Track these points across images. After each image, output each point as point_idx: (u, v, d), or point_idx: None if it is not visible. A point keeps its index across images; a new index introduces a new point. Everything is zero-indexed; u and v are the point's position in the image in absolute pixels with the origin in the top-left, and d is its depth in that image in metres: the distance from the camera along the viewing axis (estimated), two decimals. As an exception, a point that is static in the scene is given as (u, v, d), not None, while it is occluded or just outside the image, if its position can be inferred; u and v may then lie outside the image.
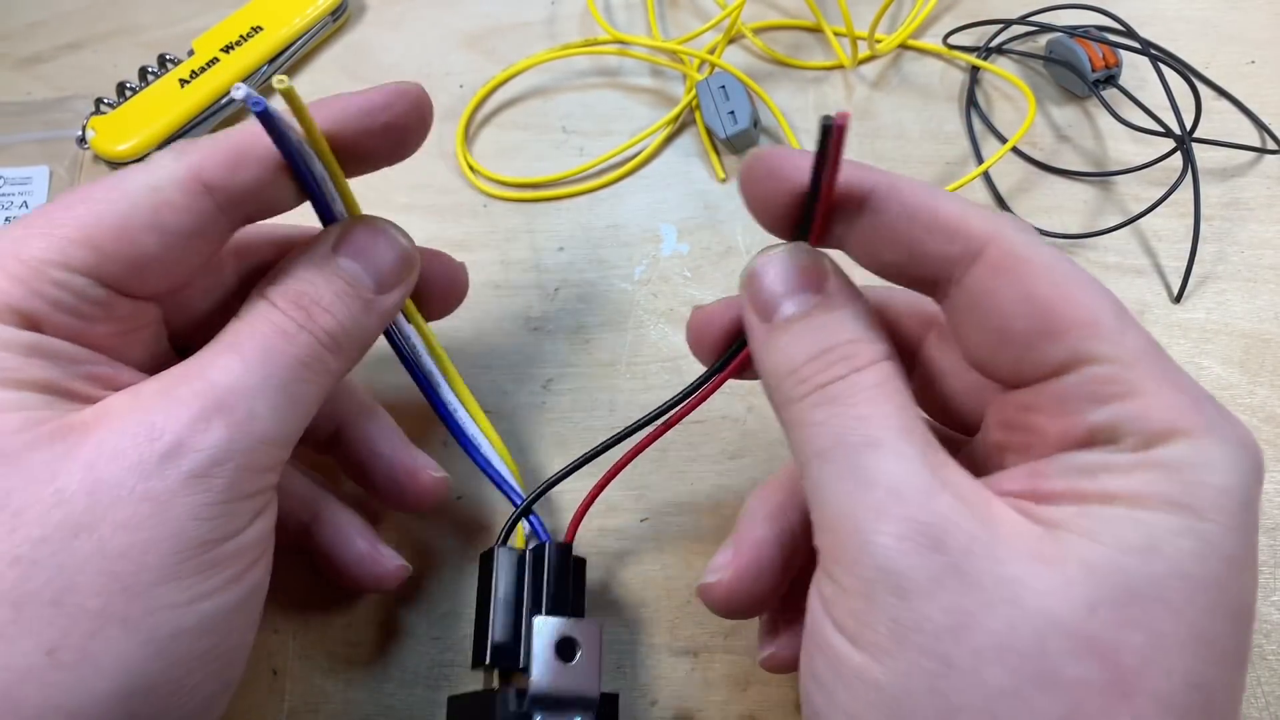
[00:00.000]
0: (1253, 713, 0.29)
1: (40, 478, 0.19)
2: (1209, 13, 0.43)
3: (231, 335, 0.23)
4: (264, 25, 0.42)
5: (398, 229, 0.26)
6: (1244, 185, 0.38)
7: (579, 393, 0.35)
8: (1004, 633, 0.17)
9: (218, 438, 0.21)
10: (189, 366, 0.22)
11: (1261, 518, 0.31)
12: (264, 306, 0.23)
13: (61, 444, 0.20)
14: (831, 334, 0.21)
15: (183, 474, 0.20)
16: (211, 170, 0.23)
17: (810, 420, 0.21)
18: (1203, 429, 0.18)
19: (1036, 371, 0.20)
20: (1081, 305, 0.20)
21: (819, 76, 0.42)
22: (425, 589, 0.31)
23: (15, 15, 0.45)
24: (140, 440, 0.20)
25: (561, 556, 0.27)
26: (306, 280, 0.24)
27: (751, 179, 0.23)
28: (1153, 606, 0.17)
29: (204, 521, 0.20)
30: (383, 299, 0.25)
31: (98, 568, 0.19)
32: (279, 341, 0.23)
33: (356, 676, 0.30)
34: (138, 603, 0.19)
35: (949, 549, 0.18)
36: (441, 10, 0.44)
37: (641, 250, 0.38)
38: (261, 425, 0.22)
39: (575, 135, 0.41)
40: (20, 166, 0.41)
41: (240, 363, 0.22)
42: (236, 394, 0.21)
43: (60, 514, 0.19)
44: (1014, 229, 0.21)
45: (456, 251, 0.38)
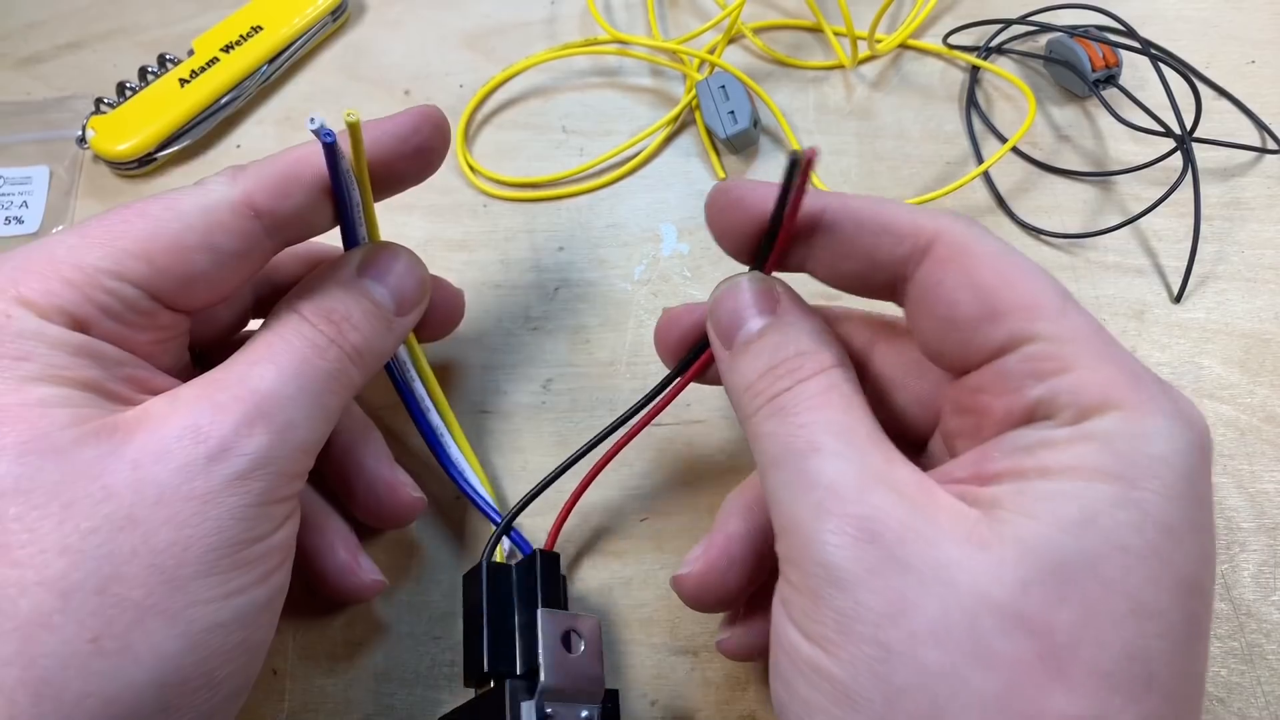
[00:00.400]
0: (1253, 713, 0.29)
1: (88, 473, 0.20)
2: (1209, 13, 0.43)
3: (266, 346, 0.24)
4: (264, 25, 0.42)
5: (414, 255, 0.28)
6: (1244, 185, 0.38)
7: (579, 393, 0.35)
8: (938, 615, 0.18)
9: (260, 444, 0.22)
10: (226, 373, 0.23)
11: (1261, 518, 0.31)
12: (296, 320, 0.24)
13: (108, 442, 0.21)
14: (780, 350, 0.23)
15: (227, 476, 0.21)
16: (262, 195, 0.24)
17: (762, 432, 0.22)
18: (1139, 402, 0.19)
19: (982, 353, 0.21)
20: (1022, 289, 0.21)
21: (819, 76, 0.42)
22: (425, 590, 0.31)
23: (15, 15, 0.45)
24: (186, 442, 0.21)
25: (549, 564, 0.28)
26: (337, 299, 0.25)
27: (716, 209, 0.25)
28: (1086, 581, 0.18)
29: (242, 521, 0.21)
30: (401, 320, 0.27)
31: (143, 561, 0.20)
32: (312, 354, 0.24)
33: (356, 676, 0.30)
34: (178, 596, 0.20)
35: (883, 540, 0.19)
36: (441, 10, 0.44)
37: (641, 250, 0.38)
38: (297, 433, 0.23)
39: (575, 135, 0.41)
40: (20, 166, 0.41)
41: (277, 372, 0.23)
42: (276, 402, 0.22)
43: (108, 508, 0.20)
44: (958, 224, 0.22)
45: (456, 251, 0.38)
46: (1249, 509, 0.32)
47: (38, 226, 0.39)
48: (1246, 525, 0.31)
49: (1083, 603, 0.18)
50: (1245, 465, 0.32)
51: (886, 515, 0.19)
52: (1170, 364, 0.34)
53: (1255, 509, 0.32)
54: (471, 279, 0.37)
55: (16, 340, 0.21)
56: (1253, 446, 0.33)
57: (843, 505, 0.19)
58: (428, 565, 0.31)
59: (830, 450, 0.20)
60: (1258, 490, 0.32)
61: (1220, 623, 0.30)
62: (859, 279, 0.24)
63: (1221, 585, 0.30)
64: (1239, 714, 0.29)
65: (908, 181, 0.39)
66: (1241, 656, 0.29)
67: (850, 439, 0.21)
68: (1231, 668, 0.29)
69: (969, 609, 0.18)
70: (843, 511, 0.19)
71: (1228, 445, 0.33)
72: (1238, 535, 0.31)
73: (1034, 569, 0.18)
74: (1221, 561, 0.31)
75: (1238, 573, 0.31)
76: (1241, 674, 0.29)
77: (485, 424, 0.34)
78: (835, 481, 0.20)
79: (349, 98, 0.42)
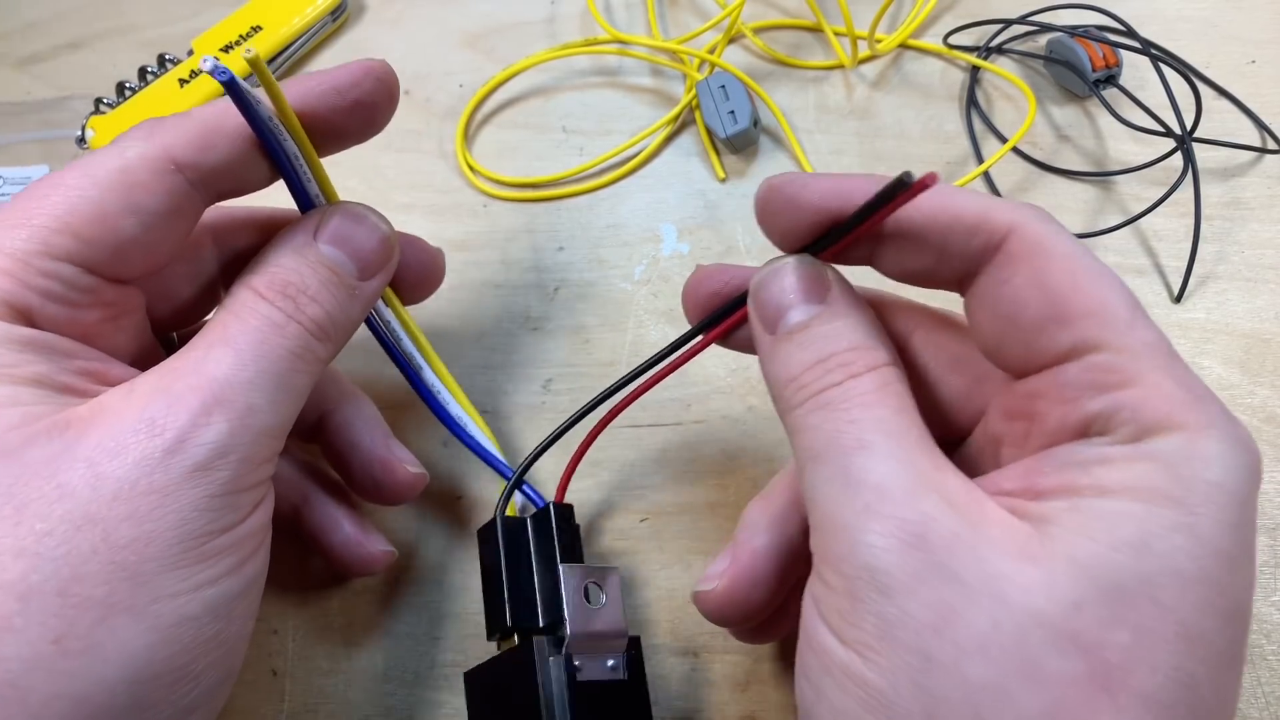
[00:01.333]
0: (1253, 713, 0.29)
1: (41, 473, 0.20)
2: (1209, 12, 0.43)
3: (221, 328, 0.23)
4: (263, 25, 0.42)
5: (377, 214, 0.27)
6: (1244, 185, 0.38)
7: (579, 393, 0.34)
8: (986, 628, 0.17)
9: (219, 431, 0.21)
10: (182, 360, 0.22)
11: (1261, 518, 0.31)
12: (251, 298, 0.23)
13: (60, 440, 0.20)
14: (831, 343, 0.22)
15: (186, 468, 0.20)
16: (182, 149, 0.23)
17: (807, 425, 0.21)
18: (1200, 424, 0.18)
19: (1043, 357, 0.20)
20: (1093, 295, 0.20)
21: (819, 76, 0.42)
22: (425, 590, 0.31)
23: (14, 15, 0.45)
24: (142, 435, 0.20)
25: (563, 515, 0.28)
26: (291, 269, 0.24)
27: (770, 210, 0.23)
28: (1141, 603, 0.17)
29: (206, 513, 0.21)
30: (365, 285, 0.26)
31: (103, 559, 0.19)
32: (270, 333, 0.23)
33: (356, 677, 0.30)
34: (143, 591, 0.20)
35: (933, 546, 0.18)
36: (441, 9, 0.44)
37: (641, 250, 0.38)
38: (260, 418, 0.22)
39: (575, 135, 0.41)
40: (20, 166, 0.41)
41: (234, 355, 0.22)
42: (234, 387, 0.22)
43: (63, 508, 0.19)
44: (1035, 219, 0.21)
45: (457, 252, 0.38)
46: (1249, 509, 0.32)
47: (37, 226, 0.39)
48: (1247, 525, 0.31)
49: (1136, 625, 0.17)
50: (1245, 465, 0.32)
51: (936, 522, 0.18)
52: (1170, 364, 0.34)
53: (1255, 509, 0.32)
54: (471, 279, 0.37)
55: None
56: (1253, 446, 0.33)
57: (892, 507, 0.19)
58: (427, 566, 0.31)
59: (881, 449, 0.20)
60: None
61: (1220, 623, 0.30)
62: (926, 273, 0.23)
63: (1222, 585, 0.30)
64: (1239, 714, 0.29)
65: (908, 181, 0.39)
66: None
67: (902, 440, 0.20)
68: (1232, 668, 0.29)
69: (1019, 624, 0.17)
70: (891, 514, 0.19)
71: (1228, 445, 0.33)
72: (1238, 535, 0.31)
73: (1088, 588, 0.17)
74: (1222, 562, 0.31)
75: (1238, 573, 0.31)
76: (1242, 674, 0.29)
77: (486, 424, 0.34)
78: (884, 482, 0.19)
79: (349, 97, 0.42)
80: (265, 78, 0.22)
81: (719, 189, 0.39)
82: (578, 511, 0.32)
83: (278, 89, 0.23)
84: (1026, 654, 0.17)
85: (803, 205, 0.22)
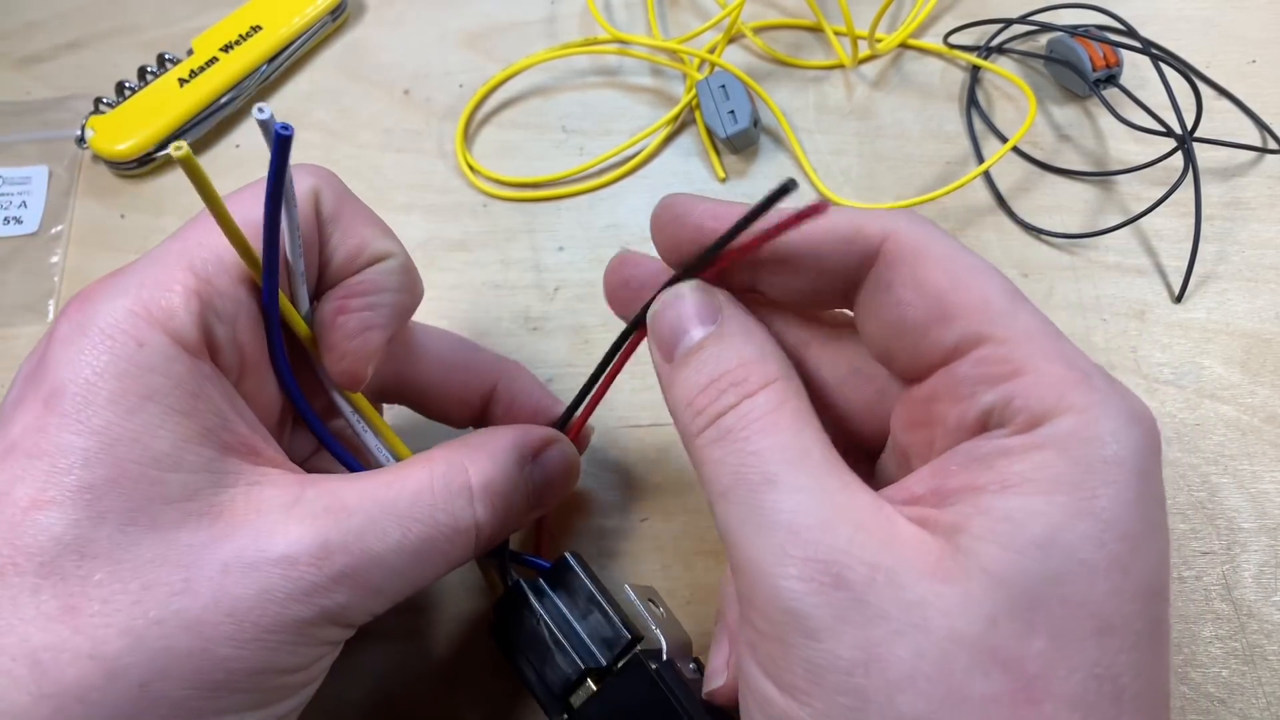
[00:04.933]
0: (1254, 713, 0.29)
1: (178, 560, 0.20)
2: (1209, 12, 0.43)
3: (410, 500, 0.23)
4: (263, 25, 0.42)
5: (578, 464, 0.28)
6: (1245, 185, 0.38)
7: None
8: (912, 660, 0.17)
9: (339, 601, 0.21)
10: (350, 509, 0.22)
11: (1263, 518, 0.31)
12: (460, 487, 0.23)
13: (208, 531, 0.21)
14: (722, 361, 0.21)
15: (298, 619, 0.21)
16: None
17: (710, 458, 0.21)
18: (1089, 404, 0.19)
19: (932, 358, 0.21)
20: (972, 290, 0.20)
21: (819, 76, 0.42)
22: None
23: (15, 15, 0.45)
24: (278, 571, 0.21)
25: (581, 561, 0.27)
26: (509, 480, 0.25)
27: (660, 223, 0.24)
28: (1052, 606, 0.17)
29: (293, 655, 0.21)
30: (528, 515, 0.26)
31: (194, 665, 0.20)
32: (444, 537, 0.23)
33: (356, 677, 0.30)
34: (214, 702, 0.20)
35: (851, 584, 0.18)
36: (441, 10, 0.44)
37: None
38: (379, 601, 0.22)
39: (575, 135, 0.41)
40: (19, 166, 0.41)
41: (400, 540, 0.22)
42: (378, 570, 0.22)
43: (180, 603, 0.20)
44: (908, 224, 0.21)
45: (456, 251, 0.38)
46: (1250, 509, 0.32)
47: (37, 226, 0.39)
48: (1247, 525, 0.31)
49: (1050, 629, 0.17)
50: (1246, 465, 0.32)
51: (851, 556, 0.18)
52: (1171, 364, 0.34)
53: (1256, 509, 0.32)
54: (471, 279, 0.37)
55: (146, 375, 0.21)
56: (1253, 446, 0.33)
57: (805, 548, 0.18)
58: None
59: (787, 483, 0.19)
60: (1258, 490, 0.32)
61: (1221, 623, 0.30)
62: (812, 294, 0.23)
63: (1222, 586, 0.30)
64: (1240, 714, 0.28)
65: (908, 181, 0.39)
66: (1243, 657, 0.29)
67: (805, 465, 0.20)
68: (1233, 668, 0.29)
69: (942, 651, 0.17)
70: (805, 556, 0.18)
71: (1228, 445, 0.33)
72: (1238, 535, 0.31)
73: (1002, 600, 0.17)
74: (1222, 562, 0.31)
75: (1239, 573, 0.31)
76: (1243, 674, 0.29)
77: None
78: (795, 520, 0.19)
79: (348, 97, 0.42)
80: (193, 174, 0.20)
81: (719, 189, 0.39)
82: (576, 512, 0.32)
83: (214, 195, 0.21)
84: (952, 681, 0.17)
85: (686, 224, 0.23)
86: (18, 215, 0.39)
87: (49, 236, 0.39)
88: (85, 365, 0.20)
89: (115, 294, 0.21)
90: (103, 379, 0.20)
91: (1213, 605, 0.30)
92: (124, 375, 0.20)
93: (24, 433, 0.20)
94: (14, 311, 0.38)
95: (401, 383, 0.28)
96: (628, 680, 0.25)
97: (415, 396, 0.29)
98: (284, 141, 0.20)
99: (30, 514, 0.19)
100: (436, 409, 0.30)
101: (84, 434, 0.20)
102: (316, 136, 0.41)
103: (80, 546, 0.19)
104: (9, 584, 0.19)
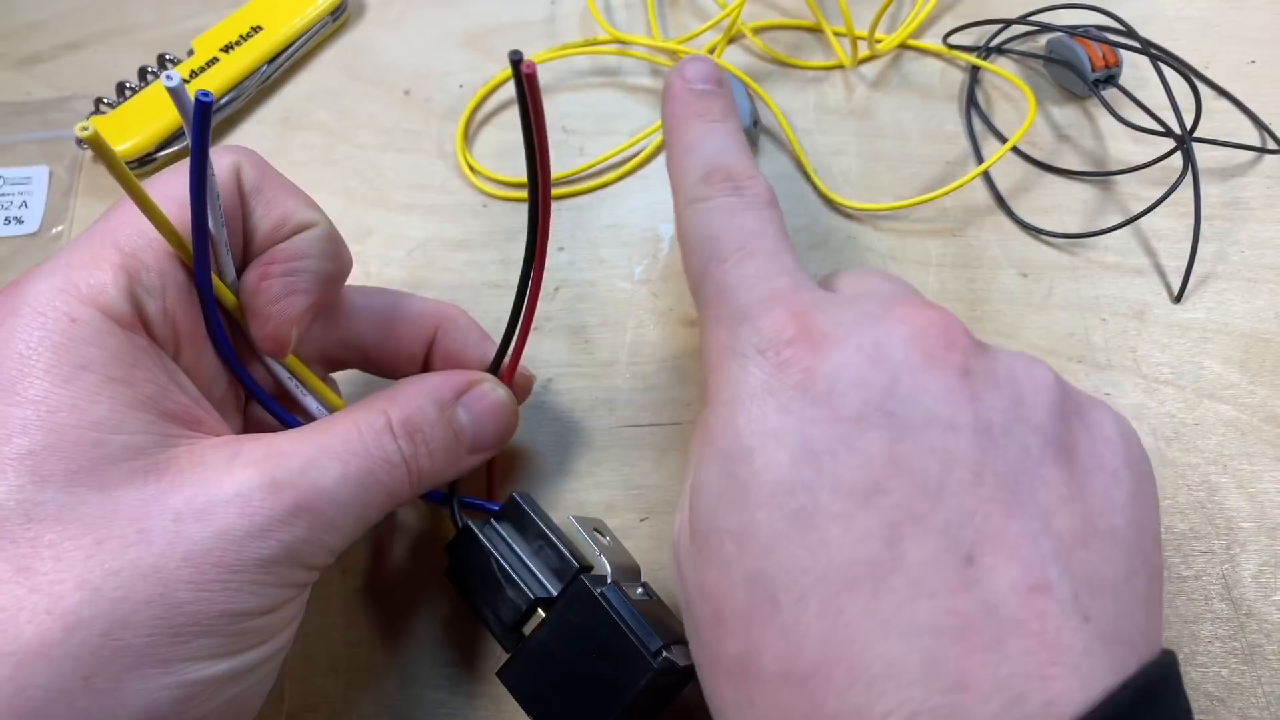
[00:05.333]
0: (1254, 713, 0.29)
1: (127, 513, 0.20)
2: (1209, 12, 0.43)
3: (343, 441, 0.24)
4: (264, 25, 0.42)
5: (513, 402, 0.29)
6: (1244, 185, 0.38)
7: (579, 393, 0.34)
8: None
9: (298, 535, 0.22)
10: (292, 451, 0.23)
11: (1262, 518, 0.31)
12: (381, 427, 0.24)
13: (155, 485, 0.21)
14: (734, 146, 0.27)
15: (257, 557, 0.21)
16: None
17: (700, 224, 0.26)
18: None
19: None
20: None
21: (819, 76, 0.42)
22: (425, 590, 0.31)
23: (15, 15, 0.45)
24: (231, 510, 0.21)
25: (530, 501, 0.28)
26: (428, 419, 0.25)
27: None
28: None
29: (257, 597, 0.21)
30: (469, 459, 0.27)
31: (154, 612, 0.20)
32: (381, 469, 0.24)
33: (356, 677, 0.30)
34: (180, 649, 0.20)
35: None
36: (441, 10, 0.44)
37: (641, 250, 0.38)
38: (334, 538, 0.23)
39: (575, 135, 0.41)
40: (20, 167, 0.41)
41: (341, 474, 0.23)
42: (328, 503, 0.22)
43: (135, 553, 0.20)
44: None
45: (456, 251, 0.38)
46: (1249, 509, 0.32)
47: (37, 226, 0.39)
48: (1247, 525, 0.31)
49: None
50: (1245, 465, 0.32)
51: None
52: (1170, 364, 0.34)
53: (1256, 509, 0.32)
54: (471, 279, 0.37)
55: (80, 348, 0.21)
56: (1253, 446, 0.33)
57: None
58: (426, 566, 0.31)
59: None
60: (1258, 490, 0.32)
61: (1220, 623, 0.30)
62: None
63: (1222, 585, 0.30)
64: (1240, 714, 0.29)
65: (908, 181, 0.39)
66: (1242, 656, 0.29)
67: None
68: (1232, 668, 0.29)
69: None
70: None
71: (1228, 445, 0.33)
72: (1238, 535, 0.31)
73: None
74: (1222, 561, 0.31)
75: (1238, 573, 0.31)
76: (1242, 674, 0.29)
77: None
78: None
79: (348, 97, 0.42)
80: (104, 151, 0.21)
81: (719, 189, 0.39)
82: (578, 511, 0.32)
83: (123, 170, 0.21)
84: None
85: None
86: (18, 215, 0.39)
87: (50, 237, 0.39)
88: (18, 341, 0.21)
89: (43, 276, 0.22)
90: (36, 353, 0.21)
91: (1212, 605, 0.30)
92: (58, 348, 0.21)
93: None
94: (14, 311, 0.38)
95: (344, 346, 0.29)
96: (573, 603, 0.25)
97: (359, 357, 0.30)
98: (204, 109, 0.20)
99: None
100: (384, 366, 0.30)
101: (20, 404, 0.20)
102: (317, 137, 0.41)
103: (27, 510, 0.20)
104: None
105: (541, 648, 0.25)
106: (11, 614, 0.19)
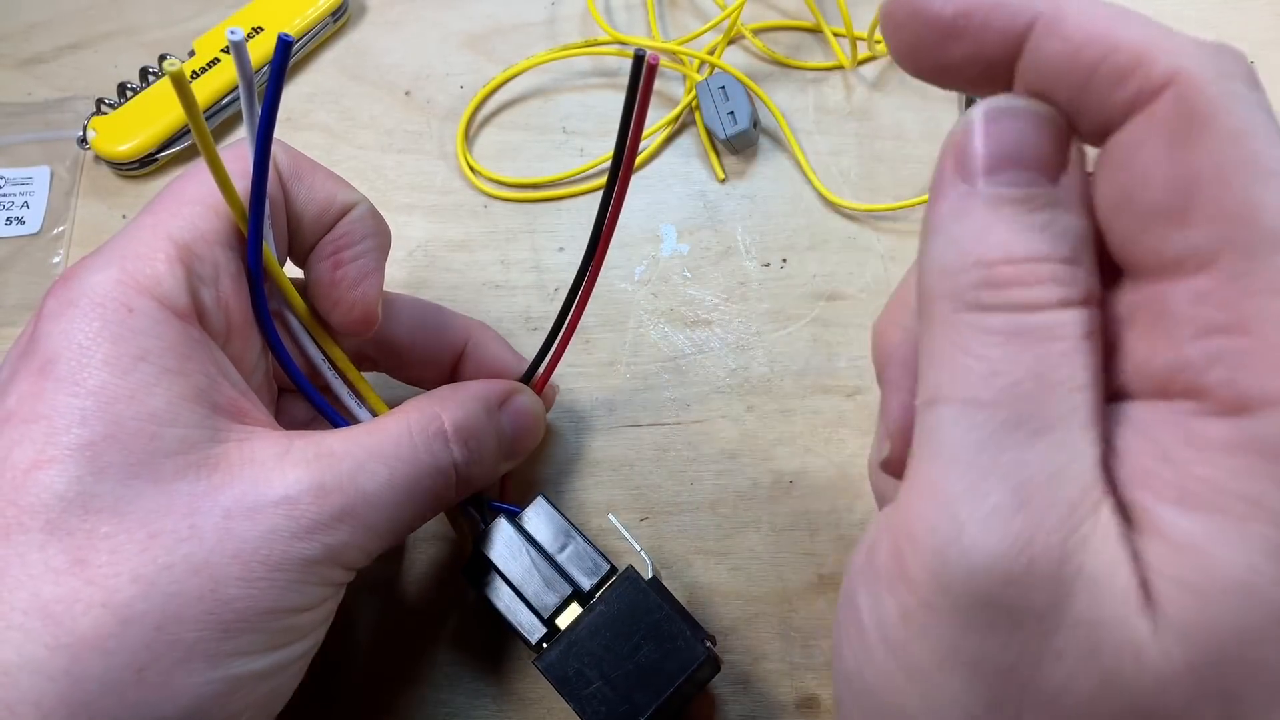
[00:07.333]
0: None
1: (181, 508, 0.21)
2: (1209, 13, 0.43)
3: (393, 445, 0.24)
4: (264, 25, 0.42)
5: (544, 415, 0.30)
6: (1243, 185, 0.38)
7: (579, 393, 0.35)
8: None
9: (342, 539, 0.22)
10: (342, 453, 0.23)
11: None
12: (436, 432, 0.25)
13: (207, 481, 0.21)
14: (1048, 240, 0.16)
15: (303, 557, 0.22)
16: None
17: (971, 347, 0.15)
18: None
19: (1146, 262, 0.15)
20: (1236, 192, 0.14)
21: (819, 77, 0.42)
22: (425, 590, 0.31)
23: (15, 15, 0.45)
24: (280, 512, 0.21)
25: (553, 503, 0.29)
26: (479, 424, 0.26)
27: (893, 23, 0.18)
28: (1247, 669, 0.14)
29: (299, 595, 0.22)
30: (503, 466, 0.28)
31: (205, 607, 0.20)
32: (429, 477, 0.24)
33: (357, 676, 0.30)
34: (227, 644, 0.21)
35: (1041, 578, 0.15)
36: (442, 11, 0.45)
37: (641, 250, 0.38)
38: (375, 541, 0.23)
39: (575, 136, 0.41)
40: (21, 167, 0.41)
41: (389, 479, 0.23)
42: (374, 509, 0.23)
43: (188, 548, 0.20)
44: (1208, 71, 0.15)
45: (457, 251, 0.38)
46: None
47: (39, 227, 0.39)
48: None
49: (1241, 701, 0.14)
50: None
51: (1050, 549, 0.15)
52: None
53: None
54: (471, 279, 0.37)
55: (138, 338, 0.21)
56: None
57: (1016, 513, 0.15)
58: (426, 566, 0.32)
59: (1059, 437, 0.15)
60: None
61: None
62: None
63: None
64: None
65: (907, 181, 0.39)
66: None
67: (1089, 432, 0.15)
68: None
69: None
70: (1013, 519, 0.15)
71: None
72: None
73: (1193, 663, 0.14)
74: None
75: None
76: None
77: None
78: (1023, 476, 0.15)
79: (349, 98, 0.42)
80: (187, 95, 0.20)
81: (719, 190, 0.39)
82: (577, 512, 0.32)
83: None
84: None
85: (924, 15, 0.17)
86: (20, 216, 0.40)
87: (51, 237, 0.39)
88: (78, 332, 0.21)
89: (100, 267, 0.22)
90: (96, 343, 0.21)
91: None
92: (116, 339, 0.21)
93: (19, 401, 0.21)
94: (15, 311, 0.38)
95: (377, 348, 0.29)
96: (622, 593, 0.26)
97: (390, 360, 0.30)
98: (286, 48, 0.20)
99: (31, 474, 0.20)
100: (411, 372, 0.31)
101: (80, 395, 0.20)
102: (318, 137, 0.41)
103: (84, 501, 0.20)
104: (15, 543, 0.19)
105: (587, 636, 0.26)
106: (68, 605, 0.19)
